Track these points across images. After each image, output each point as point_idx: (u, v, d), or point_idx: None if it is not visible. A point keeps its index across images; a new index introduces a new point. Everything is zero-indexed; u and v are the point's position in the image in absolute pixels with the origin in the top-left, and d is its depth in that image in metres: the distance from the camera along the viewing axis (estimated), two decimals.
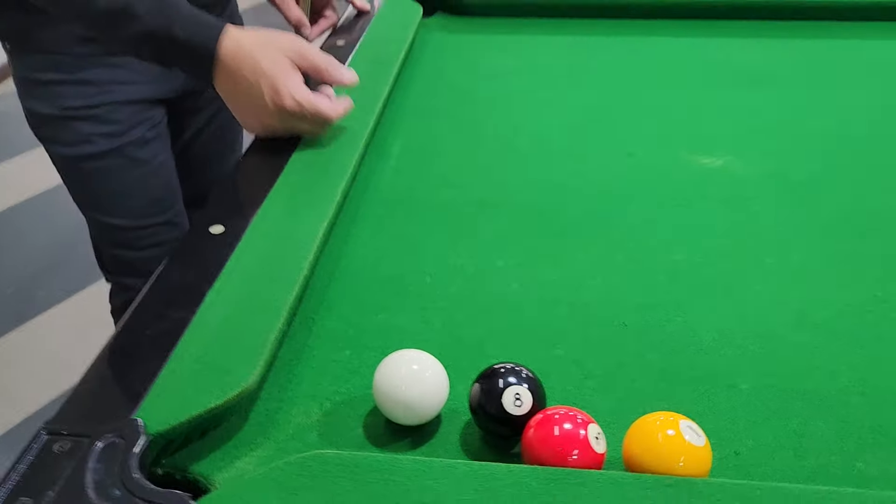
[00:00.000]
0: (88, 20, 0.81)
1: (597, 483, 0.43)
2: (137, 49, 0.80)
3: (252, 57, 0.77)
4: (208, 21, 0.79)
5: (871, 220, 0.72)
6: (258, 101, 0.78)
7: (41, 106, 1.00)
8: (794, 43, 1.11)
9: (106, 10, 0.76)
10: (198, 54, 0.78)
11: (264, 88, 0.77)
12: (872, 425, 0.51)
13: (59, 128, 1.01)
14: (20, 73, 1.01)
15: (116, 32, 0.78)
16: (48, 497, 0.42)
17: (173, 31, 0.76)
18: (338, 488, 0.43)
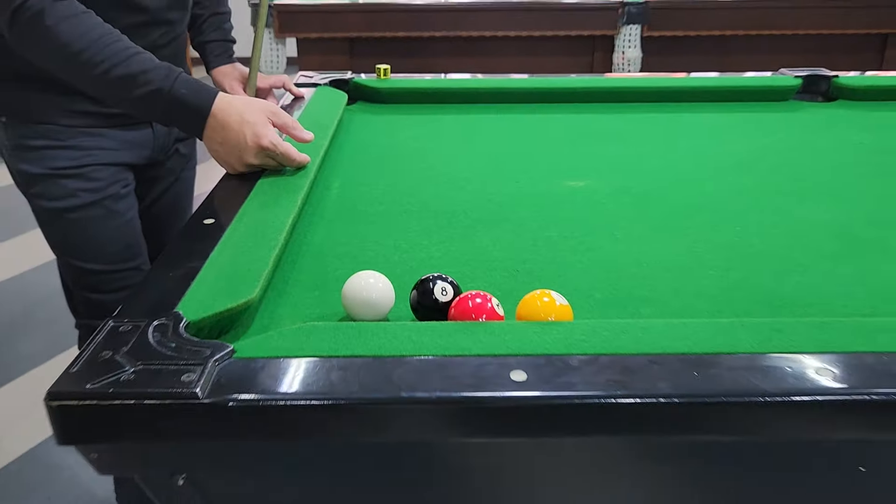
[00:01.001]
0: (103, 85, 0.99)
1: (497, 326, 0.66)
2: (145, 107, 1.00)
3: (239, 112, 1.00)
4: (205, 85, 1.01)
5: (678, 213, 1.01)
6: (241, 143, 0.99)
7: (32, 167, 1.18)
8: (632, 115, 1.46)
9: (122, 76, 0.97)
10: (196, 111, 0.99)
11: (247, 133, 0.99)
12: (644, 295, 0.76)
13: (48, 185, 1.19)
14: (13, 141, 1.18)
15: (129, 94, 0.98)
16: (122, 350, 0.61)
17: (178, 92, 0.98)
18: (324, 339, 0.64)
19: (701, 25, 2.75)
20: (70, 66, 0.99)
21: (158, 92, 0.98)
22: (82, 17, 0.99)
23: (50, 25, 0.96)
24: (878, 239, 0.92)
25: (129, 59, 0.98)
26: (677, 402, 0.57)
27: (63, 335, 2.39)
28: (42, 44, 0.98)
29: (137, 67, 0.98)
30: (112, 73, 0.97)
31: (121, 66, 0.97)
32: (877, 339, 0.64)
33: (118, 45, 0.99)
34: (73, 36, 0.97)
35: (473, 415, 0.57)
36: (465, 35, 2.73)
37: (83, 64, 0.98)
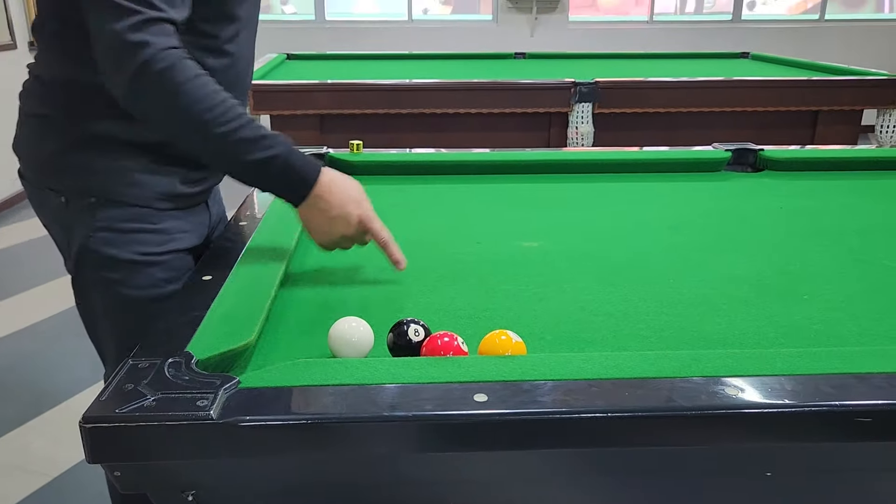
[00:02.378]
0: (221, 145, 1.00)
1: (463, 359, 0.78)
2: (255, 171, 1.02)
3: (344, 186, 1.07)
4: (311, 158, 1.06)
5: (618, 268, 1.15)
6: (343, 213, 1.05)
7: (120, 251, 1.13)
8: (579, 184, 1.63)
9: (245, 138, 1.00)
10: (302, 180, 1.04)
11: (352, 210, 1.06)
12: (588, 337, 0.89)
13: (133, 272, 1.14)
14: (101, 223, 1.13)
15: (245, 157, 1.00)
16: (143, 383, 0.71)
17: (291, 159, 1.03)
18: (316, 371, 0.75)
19: (646, 103, 2.99)
20: (190, 125, 1.00)
21: (276, 158, 1.02)
22: (206, 78, 1.00)
23: (180, 82, 0.97)
24: (787, 287, 1.07)
25: (250, 124, 1.01)
26: (611, 417, 0.69)
27: (34, 403, 2.42)
28: (166, 100, 0.98)
29: (259, 132, 1.01)
30: (235, 134, 0.99)
31: (245, 129, 1.00)
32: (775, 364, 0.78)
33: (240, 109, 1.02)
34: (200, 95, 0.98)
35: (444, 430, 0.69)
36: (429, 112, 2.93)
37: (206, 123, 0.99)
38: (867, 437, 0.71)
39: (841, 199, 1.52)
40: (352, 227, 1.07)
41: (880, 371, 0.76)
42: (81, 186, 1.13)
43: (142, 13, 0.96)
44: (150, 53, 0.96)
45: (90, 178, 1.13)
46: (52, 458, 2.13)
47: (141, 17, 0.96)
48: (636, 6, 6.71)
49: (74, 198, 1.14)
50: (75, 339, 2.87)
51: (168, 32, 0.98)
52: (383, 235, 1.08)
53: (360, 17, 6.65)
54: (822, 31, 6.62)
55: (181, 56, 0.98)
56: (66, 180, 1.14)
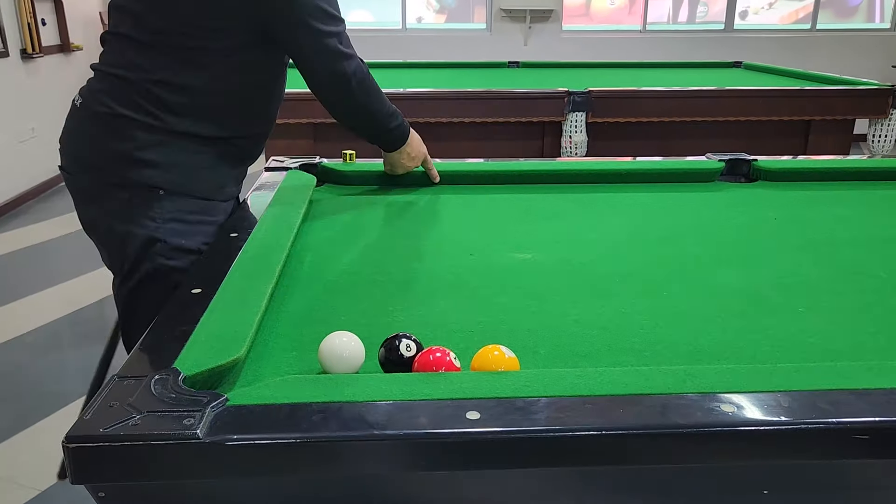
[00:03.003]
0: (381, 120, 1.49)
1: (455, 375, 0.76)
2: (389, 134, 1.53)
3: (417, 139, 1.59)
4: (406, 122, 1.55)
5: (613, 280, 1.14)
6: (417, 153, 1.59)
7: (189, 241, 1.27)
8: (573, 194, 1.62)
9: (392, 112, 1.50)
10: (404, 136, 1.54)
11: (423, 148, 1.60)
12: (582, 351, 0.88)
13: (192, 261, 1.24)
14: (170, 214, 1.27)
15: (388, 125, 1.50)
16: (129, 401, 0.69)
17: (405, 126, 1.54)
18: (305, 388, 0.73)
19: (639, 113, 2.99)
20: (374, 112, 1.47)
21: (403, 125, 1.52)
22: None
23: (371, 84, 1.42)
24: (782, 299, 1.06)
25: (392, 107, 1.50)
26: (606, 434, 0.68)
27: (23, 415, 2.39)
28: (367, 97, 1.42)
29: (394, 110, 1.51)
30: (388, 109, 1.48)
31: (392, 115, 1.50)
32: (772, 380, 0.77)
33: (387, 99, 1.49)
34: (382, 96, 1.46)
35: (436, 448, 0.68)
36: (422, 121, 2.91)
37: (382, 110, 1.47)
38: (865, 455, 0.70)
39: (835, 209, 1.52)
40: (418, 161, 1.60)
41: (878, 387, 0.75)
42: (154, 180, 1.25)
43: (341, 30, 1.34)
44: (354, 66, 1.37)
45: (165, 171, 1.26)
46: (42, 471, 2.10)
47: (342, 33, 1.35)
48: (629, 15, 6.73)
49: (142, 191, 1.25)
50: (64, 350, 2.85)
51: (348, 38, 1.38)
52: (429, 165, 1.63)
53: (354, 25, 6.63)
54: (814, 40, 6.67)
55: (363, 64, 1.40)
56: (139, 175, 1.26)
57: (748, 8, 6.79)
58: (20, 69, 4.81)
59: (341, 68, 1.35)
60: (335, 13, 1.34)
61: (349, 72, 1.35)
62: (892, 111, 3.12)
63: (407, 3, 6.53)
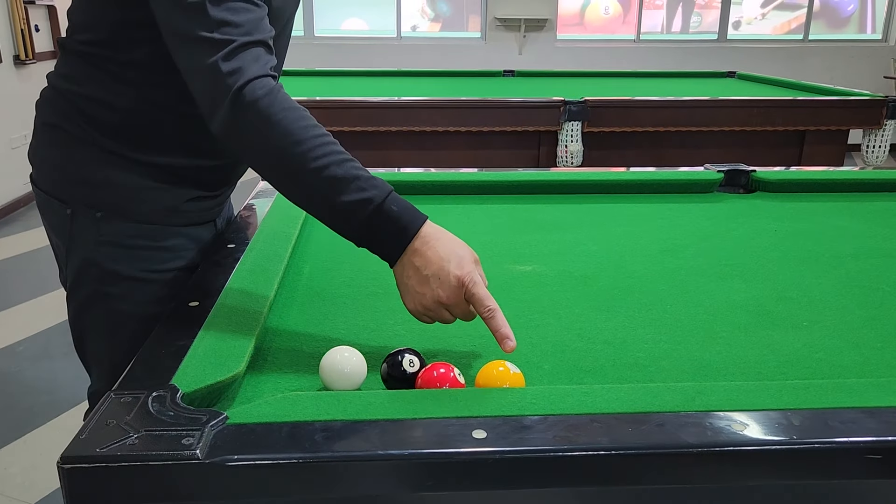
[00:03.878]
0: (312, 182, 0.90)
1: (459, 392, 0.75)
2: (344, 215, 0.90)
3: (450, 242, 0.89)
4: (415, 207, 0.92)
5: (615, 293, 1.13)
6: (441, 273, 0.87)
7: (123, 267, 1.13)
8: (573, 205, 1.61)
9: (337, 176, 0.88)
10: (400, 231, 0.89)
11: (453, 263, 0.87)
12: (586, 366, 0.87)
13: (134, 288, 1.14)
14: (106, 237, 1.13)
15: (336, 198, 0.89)
16: (126, 419, 0.68)
17: (388, 204, 0.89)
18: (307, 406, 0.72)
19: (635, 122, 2.99)
20: (281, 160, 0.91)
21: (369, 202, 0.89)
22: (303, 111, 0.93)
23: (274, 112, 0.89)
24: (786, 313, 1.05)
25: (345, 163, 0.90)
26: (615, 454, 0.67)
27: (12, 426, 2.36)
28: (262, 129, 0.90)
29: (354, 172, 0.90)
30: (327, 171, 0.89)
31: (337, 167, 0.89)
32: (781, 397, 0.76)
33: (336, 146, 0.92)
34: (298, 127, 0.90)
35: (441, 468, 0.66)
36: (417, 130, 2.91)
37: (299, 156, 0.89)
38: (878, 475, 0.69)
39: (835, 221, 1.51)
40: (449, 290, 0.87)
41: (888, 405, 0.74)
42: (90, 200, 1.14)
43: (233, 41, 0.91)
44: (241, 82, 0.90)
45: (99, 191, 1.13)
46: (31, 484, 2.07)
47: (233, 45, 0.91)
48: (623, 25, 6.76)
49: (81, 210, 1.14)
50: (54, 360, 2.81)
51: (260, 57, 0.93)
52: (488, 304, 0.87)
53: (349, 33, 6.66)
54: (806, 50, 6.71)
55: (277, 87, 0.92)
56: (76, 192, 1.15)
57: (741, 18, 6.83)
58: (13, 75, 4.78)
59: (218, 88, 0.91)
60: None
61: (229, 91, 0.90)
62: (886, 122, 3.14)
63: (402, 12, 6.54)
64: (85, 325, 1.22)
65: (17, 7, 4.73)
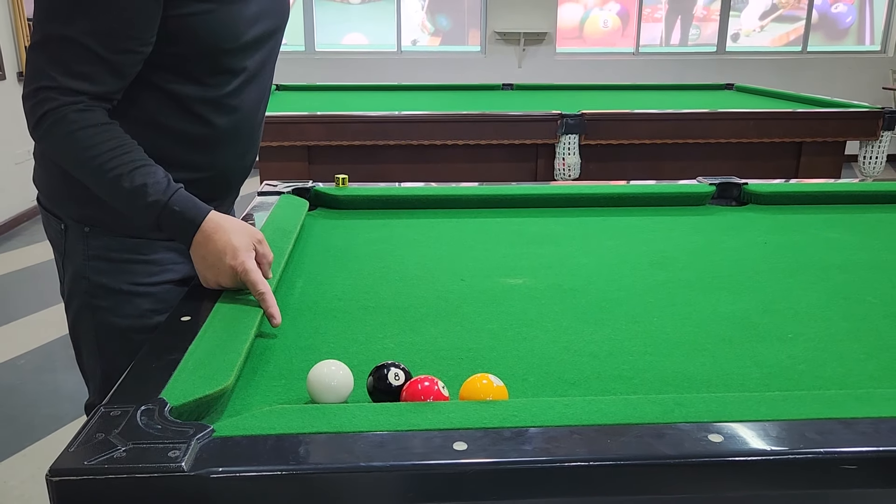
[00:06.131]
0: (114, 193, 1.06)
1: (443, 405, 0.76)
2: (145, 218, 1.06)
3: (227, 233, 1.06)
4: (198, 203, 1.08)
5: (603, 306, 1.15)
6: (219, 265, 1.05)
7: (110, 280, 1.18)
8: (564, 218, 1.63)
9: (128, 187, 1.04)
10: (187, 223, 1.06)
11: (228, 255, 1.04)
12: (571, 378, 0.88)
13: (121, 300, 1.18)
14: (93, 251, 1.18)
15: (133, 203, 1.05)
16: (114, 432, 0.69)
17: (171, 206, 1.05)
18: (292, 419, 0.73)
19: (632, 135, 3.01)
20: (83, 172, 1.07)
21: (155, 204, 1.05)
22: (101, 127, 1.05)
23: (68, 132, 1.04)
24: (771, 325, 1.06)
25: (134, 171, 1.04)
26: (593, 465, 0.68)
27: (12, 440, 2.37)
28: (60, 148, 1.06)
29: (140, 180, 1.04)
30: (118, 182, 1.04)
31: (126, 178, 1.04)
32: (759, 409, 0.77)
33: (129, 156, 1.05)
34: (87, 143, 1.04)
35: (422, 480, 0.67)
36: (416, 143, 2.93)
37: (94, 170, 1.05)
38: (853, 485, 0.70)
39: (825, 233, 1.53)
40: (227, 277, 1.05)
41: (865, 416, 0.75)
42: (78, 215, 1.19)
43: (55, 81, 1.03)
44: (44, 110, 1.04)
45: (86, 207, 1.17)
46: (30, 497, 2.09)
47: (51, 83, 1.03)
48: (622, 38, 6.80)
49: (72, 225, 1.20)
50: (54, 373, 2.83)
51: (76, 97, 1.04)
52: (259, 288, 1.02)
53: (349, 48, 6.70)
54: (805, 62, 6.74)
55: (75, 109, 1.04)
56: (66, 208, 1.20)
57: (740, 30, 6.87)
58: (17, 91, 4.83)
59: (27, 115, 1.07)
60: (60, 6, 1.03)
61: (32, 120, 1.06)
62: (882, 133, 3.15)
63: (402, 26, 6.59)
64: (79, 338, 1.25)
65: (21, 24, 4.79)
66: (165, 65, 1.11)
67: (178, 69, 1.12)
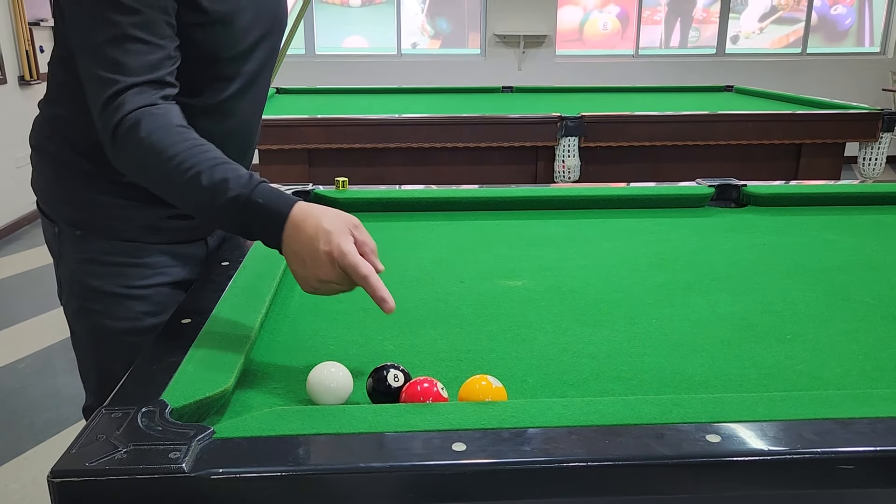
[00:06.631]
0: (191, 193, 0.97)
1: (442, 406, 0.77)
2: (226, 216, 0.96)
3: (317, 218, 0.93)
4: (284, 193, 0.97)
5: (601, 307, 1.15)
6: (314, 251, 0.90)
7: (103, 283, 1.17)
8: (564, 220, 1.63)
9: (207, 185, 0.95)
10: (273, 216, 0.94)
11: (321, 239, 0.90)
12: (570, 379, 0.88)
13: (114, 304, 1.18)
14: (86, 255, 1.18)
15: (213, 202, 0.96)
16: (115, 434, 0.70)
17: (255, 199, 0.94)
18: (292, 420, 0.74)
19: (632, 137, 3.02)
20: (161, 175, 1.00)
21: (237, 199, 0.95)
22: (175, 129, 1.01)
23: (144, 136, 0.98)
24: (770, 326, 1.07)
25: (213, 168, 0.96)
26: (591, 466, 0.68)
27: (13, 443, 2.37)
28: (137, 153, 1.00)
29: (221, 175, 0.96)
30: (198, 180, 0.96)
31: (206, 174, 0.96)
32: (757, 409, 0.77)
33: (207, 154, 0.99)
34: (164, 144, 0.98)
35: (421, 481, 0.68)
36: (416, 146, 2.94)
37: (172, 171, 0.97)
38: (850, 485, 0.70)
39: (824, 234, 1.53)
40: (325, 268, 0.91)
41: (862, 416, 0.75)
42: (71, 218, 1.19)
43: (119, 82, 0.99)
44: (119, 117, 0.99)
45: (78, 211, 1.18)
46: (32, 500, 2.09)
47: (119, 86, 0.99)
48: (622, 40, 6.81)
49: (66, 229, 1.20)
50: (55, 377, 2.84)
51: (145, 93, 1.00)
52: (361, 271, 0.91)
53: (349, 51, 6.72)
54: (804, 64, 6.75)
55: (149, 112, 1.00)
56: (61, 211, 1.20)
57: (739, 33, 6.88)
58: (18, 96, 4.84)
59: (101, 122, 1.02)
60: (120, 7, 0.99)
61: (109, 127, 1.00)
62: (882, 135, 3.16)
63: (402, 29, 6.60)
64: (75, 338, 1.26)
65: (22, 28, 4.80)
66: None
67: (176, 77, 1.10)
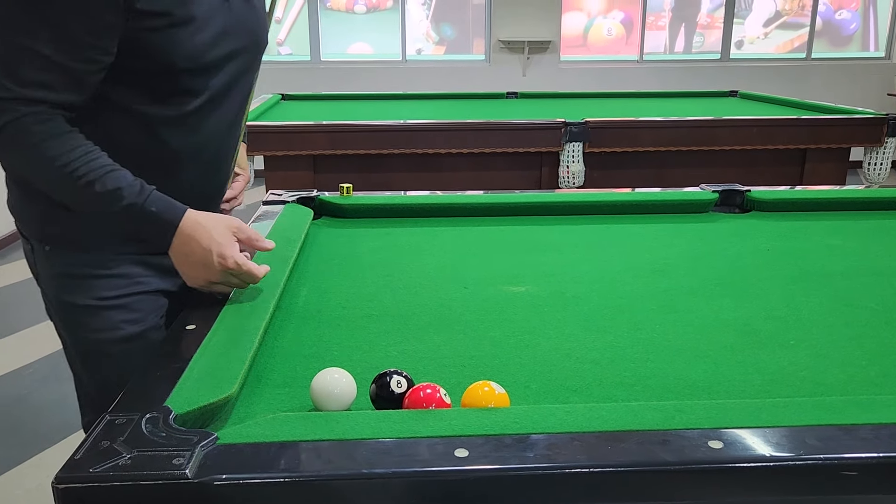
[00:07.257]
0: (90, 205, 1.06)
1: (445, 412, 0.77)
2: (119, 219, 1.06)
3: (206, 230, 1.06)
4: (173, 202, 1.07)
5: (605, 313, 1.15)
6: (207, 262, 1.05)
7: (75, 297, 1.16)
8: (567, 226, 1.64)
9: (101, 192, 1.03)
10: (165, 225, 1.06)
11: (214, 253, 1.04)
12: (573, 385, 0.88)
13: (91, 316, 1.17)
14: (56, 269, 1.18)
15: (108, 208, 1.04)
16: (119, 440, 0.70)
17: (149, 206, 1.05)
18: (295, 426, 0.74)
19: (636, 143, 3.02)
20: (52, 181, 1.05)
21: (131, 207, 1.04)
22: (67, 136, 1.04)
23: (34, 143, 1.01)
24: (774, 332, 1.07)
25: (105, 176, 1.03)
26: (593, 472, 0.69)
27: (18, 449, 2.38)
28: (23, 158, 1.05)
29: (113, 184, 1.03)
30: (92, 188, 1.03)
31: (98, 182, 1.03)
32: (760, 415, 0.77)
33: (98, 161, 1.04)
34: (55, 153, 1.02)
35: (423, 487, 0.68)
36: (421, 152, 2.95)
37: (65, 178, 1.03)
38: (854, 492, 0.70)
39: (828, 240, 1.53)
40: (217, 274, 1.07)
41: (866, 422, 0.75)
42: (39, 234, 1.18)
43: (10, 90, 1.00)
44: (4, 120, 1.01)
45: (45, 226, 1.17)
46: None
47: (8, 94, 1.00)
48: (626, 46, 6.81)
49: (37, 245, 1.20)
50: (60, 383, 2.84)
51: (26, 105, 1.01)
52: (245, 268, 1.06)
53: (354, 57, 6.74)
54: (809, 69, 6.73)
55: (37, 119, 1.01)
56: (30, 227, 1.20)
57: (744, 38, 6.87)
58: None
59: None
60: None
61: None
62: (887, 139, 3.15)
63: (406, 35, 6.62)
64: (67, 356, 1.26)
65: None
66: (125, 81, 1.09)
67: (137, 86, 1.10)
